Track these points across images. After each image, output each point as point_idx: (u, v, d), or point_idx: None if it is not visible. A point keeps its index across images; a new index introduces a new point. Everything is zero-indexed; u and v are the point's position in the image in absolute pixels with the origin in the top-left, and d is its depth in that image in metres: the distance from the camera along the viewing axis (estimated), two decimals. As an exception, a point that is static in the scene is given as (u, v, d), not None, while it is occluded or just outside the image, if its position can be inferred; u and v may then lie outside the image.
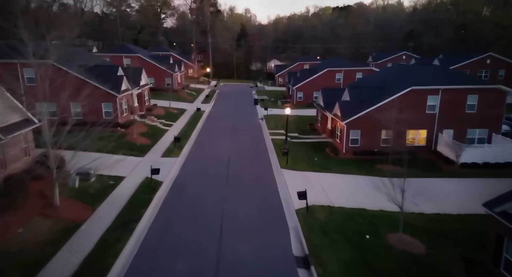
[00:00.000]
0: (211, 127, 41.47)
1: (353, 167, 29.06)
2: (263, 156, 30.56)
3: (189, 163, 28.30)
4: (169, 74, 63.54)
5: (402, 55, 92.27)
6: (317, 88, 62.35)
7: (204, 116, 48.38)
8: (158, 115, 44.09)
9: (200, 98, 64.41)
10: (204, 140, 35.80)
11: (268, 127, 42.41)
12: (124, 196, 21.58)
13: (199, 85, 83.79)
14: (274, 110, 53.68)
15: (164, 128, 39.67)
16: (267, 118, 48.04)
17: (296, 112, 53.32)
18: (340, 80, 62.42)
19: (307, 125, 44.81)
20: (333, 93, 39.93)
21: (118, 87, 34.87)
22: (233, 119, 46.77)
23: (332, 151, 33.51)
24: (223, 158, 29.59)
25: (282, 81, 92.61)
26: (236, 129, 40.73)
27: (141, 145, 32.17)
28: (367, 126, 32.22)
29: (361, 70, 62.41)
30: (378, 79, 39.53)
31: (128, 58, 62.60)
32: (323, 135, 40.08)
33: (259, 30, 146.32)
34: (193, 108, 53.38)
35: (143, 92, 43.86)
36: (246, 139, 36.32)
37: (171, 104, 50.68)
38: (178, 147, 31.97)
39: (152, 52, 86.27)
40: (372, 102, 32.64)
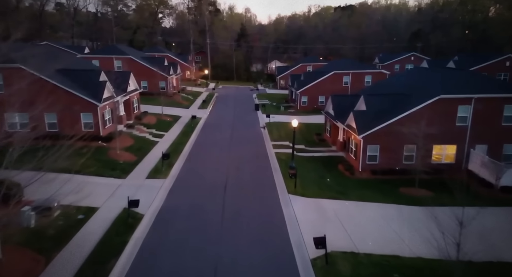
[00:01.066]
0: (206, 139, 36.90)
1: (373, 191, 24.52)
2: (266, 178, 25.98)
3: (178, 189, 23.71)
4: (163, 78, 59.01)
5: (410, 57, 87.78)
6: (323, 92, 57.97)
7: (200, 125, 43.81)
8: (148, 124, 39.54)
9: (197, 103, 59.87)
10: (198, 155, 31.21)
11: (271, 138, 37.87)
12: (93, 238, 17.02)
13: (196, 88, 79.27)
14: (277, 117, 49.15)
15: (154, 140, 35.12)
16: (270, 126, 43.51)
17: (301, 119, 48.50)
18: (347, 84, 57.93)
19: (314, 135, 40.28)
20: (344, 100, 35.40)
21: (100, 95, 30.34)
22: (232, 129, 42.22)
23: (346, 168, 28.95)
24: (219, 182, 25.00)
25: (284, 84, 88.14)
26: (235, 142, 36.17)
27: (124, 162, 27.61)
28: (387, 141, 27.72)
29: (371, 73, 57.93)
30: (396, 85, 34.98)
31: (119, 60, 58.06)
32: (333, 147, 35.55)
33: (260, 30, 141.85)
34: (189, 115, 48.80)
35: (132, 98, 39.32)
36: (246, 155, 31.74)
37: (164, 110, 46.13)
38: (167, 165, 27.42)
39: (147, 53, 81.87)
40: (392, 113, 28.11)
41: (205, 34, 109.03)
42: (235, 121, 46.83)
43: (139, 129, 36.72)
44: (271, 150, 33.42)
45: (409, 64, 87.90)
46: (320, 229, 17.74)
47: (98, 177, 24.38)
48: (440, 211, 15.51)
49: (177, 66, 68.30)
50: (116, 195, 21.96)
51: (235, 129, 41.95)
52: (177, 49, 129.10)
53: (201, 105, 57.46)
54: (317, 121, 47.34)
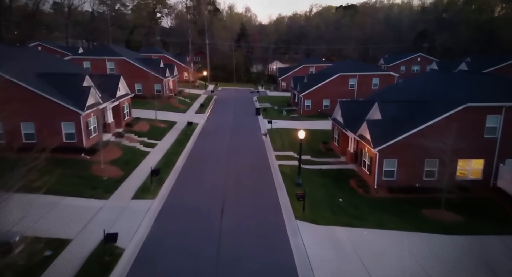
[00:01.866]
0: (203, 149, 33.67)
1: (392, 214, 21.32)
2: (270, 198, 22.75)
3: (167, 213, 20.50)
4: (158, 80, 55.76)
5: (416, 57, 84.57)
6: (328, 95, 54.79)
7: (197, 132, 40.57)
8: (139, 132, 36.33)
9: (195, 107, 56.66)
10: (192, 170, 27.95)
11: (273, 147, 34.67)
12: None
13: (194, 90, 76.06)
14: (279, 123, 45.96)
15: (145, 150, 31.89)
16: (272, 133, 40.32)
17: (305, 125, 45.64)
18: (353, 87, 54.72)
19: (320, 143, 37.06)
20: (355, 107, 32.22)
21: (83, 102, 27.13)
22: (231, 136, 39.01)
23: (359, 184, 25.73)
24: (216, 204, 21.78)
25: (285, 86, 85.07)
26: (234, 152, 32.95)
27: (108, 179, 24.41)
28: (406, 154, 24.53)
29: (378, 75, 54.74)
30: (410, 90, 31.77)
31: (111, 61, 54.89)
32: (342, 158, 32.34)
33: (260, 30, 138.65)
34: (185, 120, 45.57)
35: (122, 104, 36.12)
36: (246, 168, 28.50)
37: (158, 116, 42.90)
38: (157, 182, 24.22)
39: (143, 54, 78.76)
40: (411, 122, 24.92)
41: (204, 34, 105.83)
42: (234, 128, 43.62)
43: (129, 138, 33.50)
44: (274, 162, 30.21)
45: (416, 65, 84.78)
46: (338, 272, 14.54)
47: (76, 198, 21.17)
48: (479, 241, 12.30)
49: (174, 67, 65.12)
50: (94, 221, 18.75)
51: (234, 137, 38.74)
52: (176, 49, 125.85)
53: (199, 109, 54.24)
54: (323, 127, 44.19)
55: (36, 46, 79.28)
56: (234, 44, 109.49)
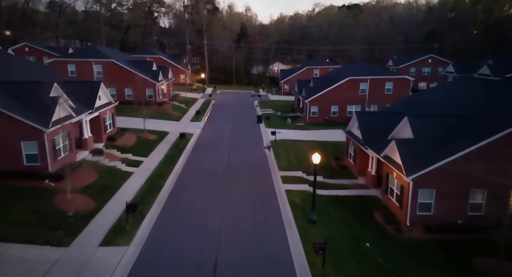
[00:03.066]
0: (195, 169, 28.69)
1: (438, 266, 16.41)
2: (278, 244, 17.77)
3: (142, 269, 15.57)
4: (150, 84, 50.92)
5: (427, 59, 79.64)
6: (336, 101, 49.88)
7: (190, 145, 35.60)
8: (123, 147, 31.42)
9: (190, 114, 51.72)
10: (180, 199, 22.96)
11: (278, 165, 29.71)
12: None
13: (191, 94, 71.16)
14: (284, 133, 41.06)
15: (127, 170, 26.95)
16: (276, 146, 35.42)
17: (312, 135, 40.77)
18: (365, 92, 49.78)
19: (332, 159, 32.12)
20: (375, 120, 27.35)
21: (48, 116, 22.22)
22: (229, 151, 34.06)
23: (387, 219, 20.77)
24: (207, 255, 16.86)
25: (288, 89, 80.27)
26: (233, 173, 27.95)
27: (75, 214, 19.50)
28: (446, 183, 19.64)
29: (392, 79, 49.81)
30: (442, 101, 26.80)
31: (98, 64, 49.97)
32: (360, 180, 27.42)
33: (261, 30, 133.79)
34: (178, 129, 40.73)
35: (103, 115, 31.19)
36: (247, 196, 23.54)
37: (148, 125, 37.96)
38: (134, 219, 19.28)
39: (137, 55, 74.00)
40: (453, 143, 20.00)
41: (203, 34, 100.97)
42: (233, 139, 38.68)
43: (110, 156, 28.56)
44: (280, 186, 25.28)
45: (427, 67, 79.86)
46: None
47: (27, 246, 16.28)
48: None
49: (168, 70, 60.20)
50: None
51: (233, 152, 33.80)
52: (173, 50, 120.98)
53: (194, 117, 49.28)
54: (333, 138, 39.36)
55: (23, 47, 74.52)
56: (234, 44, 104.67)
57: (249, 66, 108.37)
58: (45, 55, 71.21)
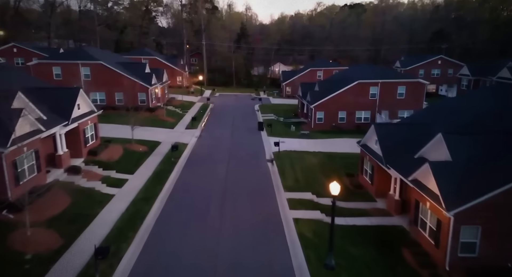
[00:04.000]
0: (188, 190, 24.80)
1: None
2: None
3: None
4: (143, 88, 47.11)
5: (437, 60, 75.76)
6: (344, 106, 45.97)
7: (184, 158, 31.70)
8: (107, 162, 27.57)
9: (186, 120, 47.83)
10: (166, 234, 19.05)
11: (283, 184, 25.84)
12: None
13: (189, 98, 67.33)
14: (288, 142, 37.25)
15: (108, 192, 23.09)
16: (280, 159, 31.58)
17: (319, 145, 36.92)
18: (375, 97, 45.92)
19: (343, 175, 28.28)
20: (398, 133, 23.51)
21: (6, 133, 18.34)
22: (227, 166, 30.17)
23: (421, 261, 16.87)
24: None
25: (290, 92, 76.50)
26: (231, 195, 24.08)
27: (31, 259, 15.63)
28: (495, 219, 15.79)
29: (405, 83, 45.92)
30: (474, 112, 22.90)
31: (86, 66, 46.10)
32: (379, 203, 23.57)
33: (261, 30, 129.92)
34: (171, 139, 36.95)
35: (82, 126, 27.32)
36: (248, 228, 19.68)
37: (138, 134, 34.12)
38: (107, 264, 15.43)
39: (131, 56, 70.23)
40: (502, 168, 16.15)
41: (201, 34, 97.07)
42: (232, 150, 34.81)
43: (89, 174, 24.73)
44: (286, 213, 21.42)
45: (436, 69, 75.99)
46: None
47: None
48: None
49: (163, 72, 56.36)
50: None
51: (232, 166, 29.93)
52: (172, 51, 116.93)
53: (190, 123, 45.37)
54: (342, 149, 35.61)
55: (11, 48, 70.56)
56: (234, 45, 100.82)
57: (249, 68, 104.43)
58: (34, 56, 67.26)
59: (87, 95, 27.80)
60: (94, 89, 46.17)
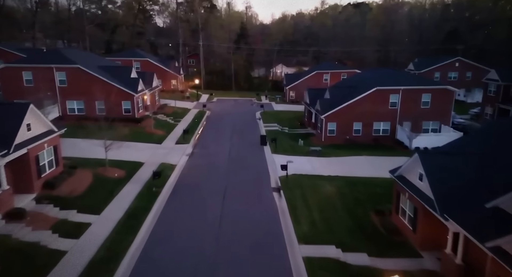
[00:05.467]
0: (168, 241, 18.53)
1: None
2: None
3: None
4: (127, 96, 40.93)
5: (454, 63, 69.57)
6: (359, 117, 39.61)
7: (168, 187, 25.40)
8: (68, 197, 21.35)
9: (177, 132, 41.56)
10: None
11: (297, 231, 19.55)
12: None
13: (183, 103, 61.16)
14: (297, 162, 30.99)
15: (58, 247, 16.82)
16: (289, 188, 25.40)
17: (335, 166, 30.70)
18: (395, 106, 39.73)
19: (372, 212, 22.13)
20: (454, 167, 17.29)
21: None
22: (223, 200, 23.91)
23: None
24: None
25: (294, 96, 70.40)
26: (226, 246, 17.88)
27: None
28: None
29: (430, 90, 39.66)
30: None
31: (61, 71, 39.86)
32: (425, 259, 17.37)
33: (262, 30, 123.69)
34: (157, 158, 30.81)
35: (35, 152, 21.06)
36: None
37: (117, 153, 27.92)
38: None
39: (120, 58, 64.14)
40: None
41: (198, 34, 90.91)
42: (230, 175, 28.53)
43: (38, 219, 18.41)
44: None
45: (453, 72, 69.90)
46: None
47: None
48: None
49: (152, 76, 50.16)
50: None
51: (228, 202, 23.67)
52: (171, 51, 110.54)
53: (182, 137, 39.10)
54: (363, 171, 29.59)
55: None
56: (233, 45, 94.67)
57: (250, 70, 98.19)
58: (16, 58, 61.14)
59: (62, 104, 21.90)
60: (71, 97, 40.04)
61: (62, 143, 32.11)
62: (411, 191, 18.88)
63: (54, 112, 38.80)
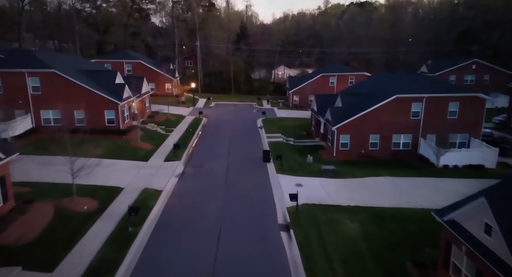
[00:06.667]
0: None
1: None
2: None
3: None
4: (110, 104, 35.82)
5: (471, 65, 64.49)
6: (377, 129, 34.31)
7: (147, 228, 20.16)
8: (14, 246, 16.22)
9: (167, 146, 36.29)
10: None
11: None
12: None
13: (178, 109, 56.06)
14: (308, 185, 26.11)
15: None
16: (301, 226, 20.29)
17: (354, 191, 25.46)
18: (418, 116, 34.63)
19: (407, 261, 17.08)
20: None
21: None
22: (218, 237, 18.82)
23: None
24: None
25: (298, 101, 65.47)
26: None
27: None
28: None
29: (458, 98, 34.49)
30: None
31: (35, 76, 34.73)
32: None
33: (263, 30, 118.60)
34: (139, 182, 25.71)
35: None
36: None
37: (89, 177, 22.85)
38: None
39: (110, 60, 59.17)
40: None
41: (195, 34, 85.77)
42: (226, 206, 23.36)
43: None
44: None
45: (470, 75, 64.80)
46: None
47: None
48: None
49: (142, 81, 45.00)
50: None
51: (224, 244, 18.57)
52: (166, 53, 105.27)
53: (172, 152, 33.89)
54: (389, 200, 24.43)
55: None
56: (233, 46, 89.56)
57: (250, 72, 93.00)
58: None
59: (36, 114, 16.87)
60: (46, 106, 34.95)
61: (29, 162, 27.22)
62: (471, 246, 13.78)
63: (25, 124, 33.81)
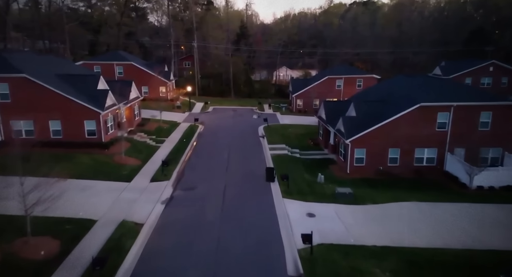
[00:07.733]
0: None
1: None
2: None
3: None
4: (91, 114, 31.23)
5: (488, 66, 60.01)
6: (396, 142, 29.55)
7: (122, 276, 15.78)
8: None
9: (156, 161, 31.52)
10: None
11: None
12: None
13: (172, 116, 51.47)
14: (322, 216, 21.76)
15: None
16: (316, 275, 15.72)
17: (376, 222, 20.80)
18: (444, 127, 30.08)
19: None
20: None
21: None
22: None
23: None
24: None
25: (302, 105, 61.03)
26: None
27: None
28: None
29: (491, 107, 29.88)
30: None
31: (3, 82, 30.13)
32: None
33: (264, 30, 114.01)
34: (117, 210, 21.17)
35: None
36: None
37: (60, 204, 18.26)
38: None
39: (100, 62, 54.72)
40: None
41: (193, 34, 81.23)
42: (223, 249, 18.81)
43: None
44: None
45: (487, 77, 60.39)
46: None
47: None
48: None
49: (129, 86, 40.40)
50: None
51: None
52: (165, 53, 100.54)
53: (159, 171, 29.08)
54: (419, 235, 19.85)
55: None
56: (232, 46, 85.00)
57: (251, 73, 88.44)
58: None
59: (5, 125, 12.81)
60: (17, 116, 30.36)
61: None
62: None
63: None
